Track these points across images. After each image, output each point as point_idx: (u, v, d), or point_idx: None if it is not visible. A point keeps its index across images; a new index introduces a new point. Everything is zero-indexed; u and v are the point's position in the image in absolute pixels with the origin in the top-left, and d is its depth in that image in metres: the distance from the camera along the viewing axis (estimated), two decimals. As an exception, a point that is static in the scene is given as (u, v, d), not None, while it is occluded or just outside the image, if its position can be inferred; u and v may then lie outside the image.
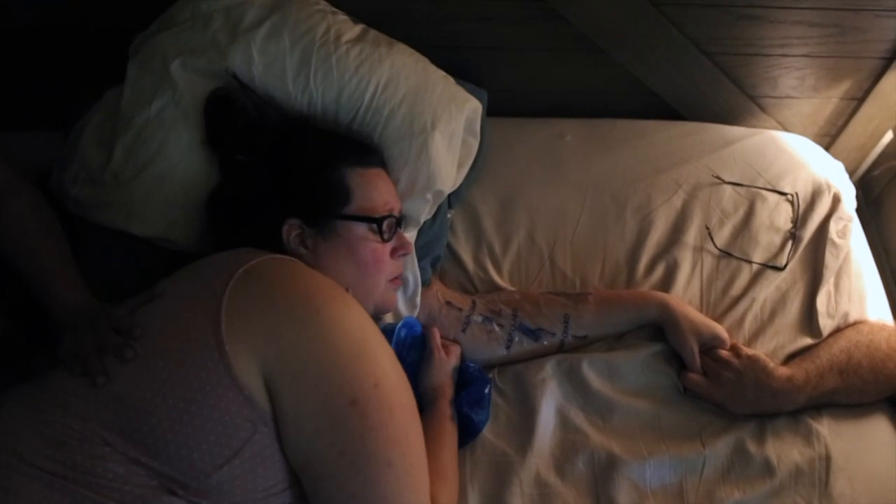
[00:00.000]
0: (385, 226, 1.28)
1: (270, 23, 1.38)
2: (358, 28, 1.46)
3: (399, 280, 1.38)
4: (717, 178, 1.72)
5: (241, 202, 1.28)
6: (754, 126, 1.89)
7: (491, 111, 1.70)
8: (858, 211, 1.80)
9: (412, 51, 1.49)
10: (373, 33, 1.47)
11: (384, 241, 1.28)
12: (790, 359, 1.49)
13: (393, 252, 1.32)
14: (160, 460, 0.97)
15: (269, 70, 1.37)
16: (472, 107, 1.51)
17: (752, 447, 1.38)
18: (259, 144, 1.30)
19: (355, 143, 1.36)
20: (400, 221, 1.36)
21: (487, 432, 1.40)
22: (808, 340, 1.51)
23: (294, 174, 1.27)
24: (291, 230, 1.22)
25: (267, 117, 1.32)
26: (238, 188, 1.29)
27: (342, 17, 1.48)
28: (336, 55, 1.38)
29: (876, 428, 1.44)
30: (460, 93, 1.51)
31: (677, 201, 1.69)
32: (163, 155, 1.33)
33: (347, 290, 1.15)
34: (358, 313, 1.09)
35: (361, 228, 1.26)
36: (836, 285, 1.59)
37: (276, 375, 1.00)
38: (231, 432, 0.98)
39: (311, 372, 1.01)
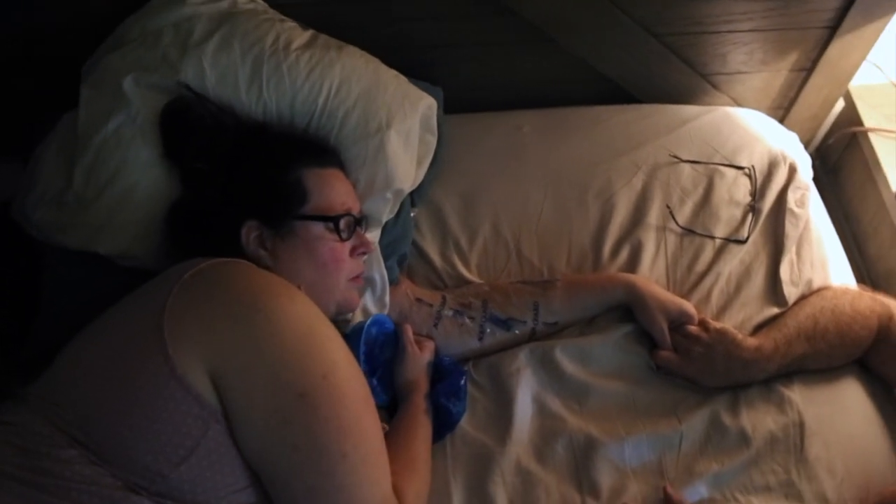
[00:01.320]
0: (342, 224, 1.28)
1: (220, 35, 1.39)
2: (307, 34, 1.47)
3: (360, 279, 1.38)
4: (675, 157, 1.74)
5: (201, 210, 1.28)
6: (708, 104, 1.91)
7: (448, 108, 1.72)
8: (817, 180, 1.83)
9: (363, 52, 1.50)
10: (322, 38, 1.48)
11: (342, 239, 1.29)
12: (758, 329, 1.51)
13: (352, 251, 1.32)
14: (117, 465, 0.98)
15: (221, 82, 1.37)
16: (427, 104, 1.52)
17: (726, 419, 1.40)
18: (217, 151, 1.30)
19: (311, 144, 1.37)
20: (360, 221, 1.36)
21: (466, 425, 1.41)
22: (775, 310, 1.54)
23: (251, 177, 1.27)
24: (250, 232, 1.23)
25: (223, 124, 1.33)
26: (198, 196, 1.30)
27: (291, 24, 1.48)
28: (287, 63, 1.39)
29: (847, 390, 1.47)
30: (413, 91, 1.52)
31: (637, 183, 1.71)
32: (123, 172, 1.33)
33: (300, 287, 1.16)
34: (304, 307, 1.09)
35: (319, 228, 1.26)
36: (798, 254, 1.61)
37: (223, 374, 1.00)
38: (183, 431, 0.98)
39: (257, 368, 1.01)
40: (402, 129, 1.46)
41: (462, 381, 1.42)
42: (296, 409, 1.01)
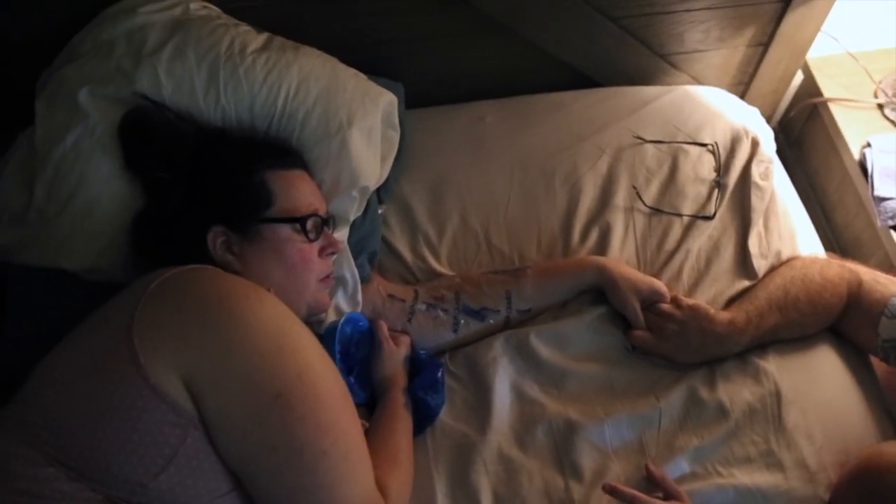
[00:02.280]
0: (309, 225, 1.28)
1: (173, 43, 1.37)
2: (262, 37, 1.46)
3: (330, 279, 1.37)
4: (639, 138, 1.75)
5: (165, 219, 1.27)
6: (668, 83, 1.92)
7: (409, 103, 1.71)
8: (782, 152, 1.85)
9: (319, 52, 1.49)
10: (278, 40, 1.47)
11: (310, 240, 1.28)
12: (730, 303, 1.53)
13: (321, 251, 1.32)
14: (96, 479, 0.97)
15: (178, 90, 1.36)
16: (387, 100, 1.52)
17: (704, 394, 1.42)
18: (178, 159, 1.29)
19: (274, 146, 1.36)
20: (327, 221, 1.36)
21: (446, 416, 1.41)
22: (746, 283, 1.55)
23: (215, 182, 1.26)
24: (216, 237, 1.22)
25: (183, 132, 1.32)
26: (162, 205, 1.29)
27: (245, 28, 1.47)
28: (243, 67, 1.38)
29: (821, 358, 1.49)
30: (373, 88, 1.51)
31: (602, 166, 1.71)
32: (84, 186, 1.32)
33: (269, 289, 1.16)
34: (274, 308, 1.09)
35: (286, 230, 1.26)
36: (766, 226, 1.63)
37: (197, 380, 1.00)
38: (160, 441, 0.98)
39: (230, 372, 1.01)
40: (363, 126, 1.45)
41: (439, 374, 1.42)
42: (272, 411, 1.01)
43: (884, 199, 1.75)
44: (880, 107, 1.94)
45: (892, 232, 1.73)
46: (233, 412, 1.01)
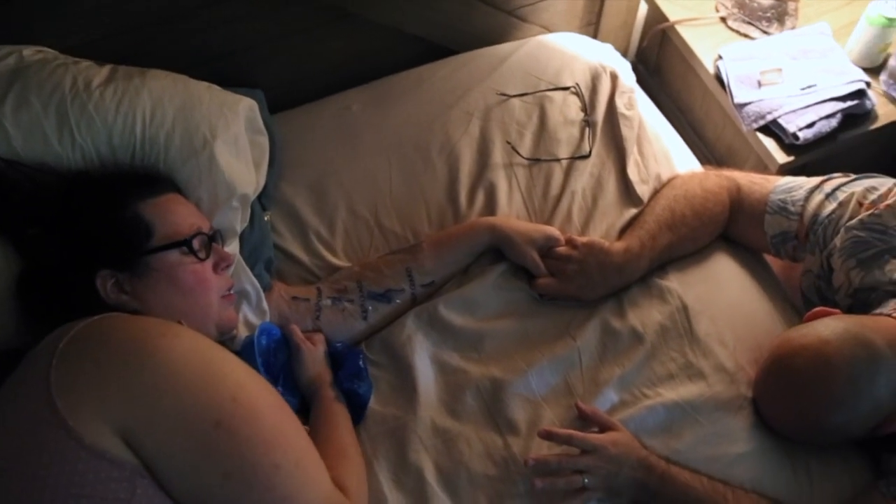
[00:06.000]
0: (196, 244, 1.25)
1: (14, 93, 1.32)
2: (106, 69, 1.42)
3: (233, 296, 1.35)
4: (503, 94, 1.77)
5: (48, 275, 1.22)
6: (521, 37, 1.95)
7: (274, 108, 1.70)
8: (644, 82, 1.90)
9: (167, 73, 1.46)
10: (122, 69, 1.43)
11: (201, 259, 1.26)
12: (623, 233, 1.57)
13: (215, 267, 1.29)
14: None
15: (29, 140, 1.31)
16: (247, 106, 1.49)
17: (616, 324, 1.46)
18: (45, 212, 1.25)
19: (139, 177, 1.33)
20: (214, 236, 1.33)
21: (374, 403, 1.41)
22: (633, 211, 1.60)
23: (88, 227, 1.22)
24: (106, 281, 1.18)
25: (43, 183, 1.28)
26: (40, 262, 1.24)
27: (86, 63, 1.42)
28: (92, 102, 1.33)
29: (718, 265, 1.55)
30: (230, 97, 1.48)
31: (474, 129, 1.73)
32: None
33: (180, 321, 1.14)
34: (190, 338, 1.06)
35: (174, 255, 1.23)
36: (641, 152, 1.68)
37: (132, 428, 0.97)
38: (110, 498, 0.95)
39: (164, 413, 0.98)
40: (228, 137, 1.42)
41: (360, 361, 1.42)
42: (216, 440, 0.99)
43: (744, 105, 1.81)
44: (723, 20, 2.01)
45: (758, 134, 1.80)
46: (177, 451, 0.98)
